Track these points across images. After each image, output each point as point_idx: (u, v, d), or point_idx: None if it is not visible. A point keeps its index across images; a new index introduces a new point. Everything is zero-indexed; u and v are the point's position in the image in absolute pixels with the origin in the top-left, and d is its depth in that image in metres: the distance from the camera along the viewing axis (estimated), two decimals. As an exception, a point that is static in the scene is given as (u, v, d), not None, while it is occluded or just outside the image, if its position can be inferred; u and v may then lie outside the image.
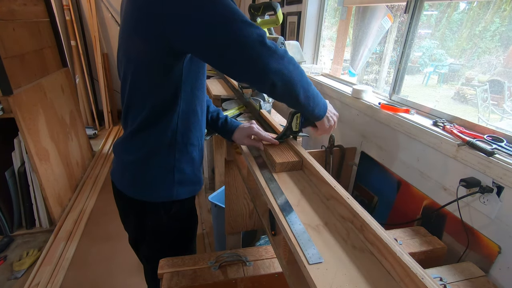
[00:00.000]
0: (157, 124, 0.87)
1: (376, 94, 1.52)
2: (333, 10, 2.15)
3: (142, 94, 0.85)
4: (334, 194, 0.72)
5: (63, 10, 3.60)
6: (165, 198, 0.94)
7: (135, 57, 0.80)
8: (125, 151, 0.93)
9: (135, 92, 0.86)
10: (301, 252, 0.57)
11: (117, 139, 0.99)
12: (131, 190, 0.95)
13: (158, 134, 0.88)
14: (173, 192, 0.94)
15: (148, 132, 0.88)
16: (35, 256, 1.90)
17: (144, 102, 0.85)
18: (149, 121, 0.87)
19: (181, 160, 0.93)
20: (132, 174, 0.93)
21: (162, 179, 0.92)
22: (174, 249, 1.07)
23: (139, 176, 0.93)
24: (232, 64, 0.71)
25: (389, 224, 1.29)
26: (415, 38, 1.29)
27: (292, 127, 0.97)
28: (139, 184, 0.93)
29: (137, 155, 0.90)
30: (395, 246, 0.54)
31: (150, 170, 0.91)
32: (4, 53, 1.85)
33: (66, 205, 2.36)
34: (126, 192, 0.96)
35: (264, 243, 1.69)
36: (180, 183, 0.94)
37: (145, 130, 0.88)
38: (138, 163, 0.91)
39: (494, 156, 0.87)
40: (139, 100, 0.86)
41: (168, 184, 0.93)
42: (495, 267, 0.89)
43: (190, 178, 0.97)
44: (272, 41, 0.71)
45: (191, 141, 0.93)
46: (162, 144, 0.89)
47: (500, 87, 1.55)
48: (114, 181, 1.00)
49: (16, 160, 1.99)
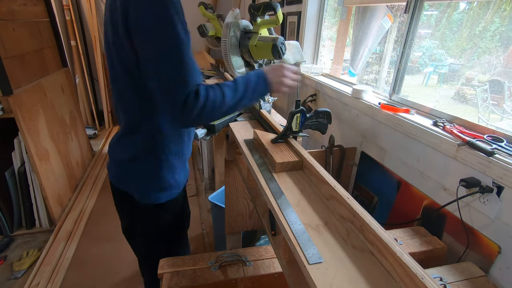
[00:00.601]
0: (138, 132, 0.91)
1: (376, 94, 1.52)
2: (333, 10, 2.15)
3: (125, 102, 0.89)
4: (334, 194, 0.72)
5: (63, 10, 3.60)
6: (144, 201, 0.99)
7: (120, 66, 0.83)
8: (115, 150, 0.99)
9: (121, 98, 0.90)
10: (301, 252, 0.57)
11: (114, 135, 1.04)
12: (121, 185, 1.00)
13: (138, 141, 0.92)
14: (151, 197, 0.98)
15: (130, 138, 0.93)
16: (35, 256, 1.90)
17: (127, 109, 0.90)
18: (130, 128, 0.92)
19: (161, 168, 0.96)
20: (121, 170, 0.99)
21: (142, 184, 0.97)
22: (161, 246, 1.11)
23: (126, 174, 0.99)
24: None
25: (389, 224, 1.28)
26: (415, 38, 1.29)
27: (292, 127, 0.97)
28: (126, 181, 0.99)
29: (124, 157, 0.96)
30: (395, 246, 0.54)
31: (133, 173, 0.96)
32: (4, 53, 1.85)
33: (66, 205, 2.36)
34: (117, 184, 1.01)
35: (264, 243, 1.69)
36: (160, 189, 0.99)
37: (127, 135, 0.94)
38: (124, 163, 0.97)
39: (494, 156, 0.86)
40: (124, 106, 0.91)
41: (148, 189, 0.97)
42: (495, 267, 0.89)
43: (169, 184, 1.00)
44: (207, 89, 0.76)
45: (171, 150, 0.96)
46: (142, 151, 0.93)
47: (500, 87, 1.55)
48: (108, 172, 1.06)
49: (16, 160, 1.99)
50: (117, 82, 0.87)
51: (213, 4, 4.07)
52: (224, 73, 2.21)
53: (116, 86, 0.89)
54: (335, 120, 1.72)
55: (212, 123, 1.15)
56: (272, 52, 1.12)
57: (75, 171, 2.64)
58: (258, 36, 1.18)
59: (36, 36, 2.32)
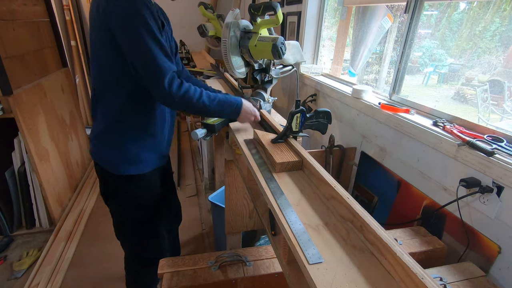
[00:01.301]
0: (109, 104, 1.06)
1: (376, 94, 1.52)
2: (333, 10, 2.15)
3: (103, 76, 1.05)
4: (334, 194, 0.72)
5: (63, 10, 3.59)
6: (115, 171, 1.11)
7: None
8: (92, 129, 1.15)
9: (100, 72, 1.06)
10: (301, 252, 0.57)
11: None
12: (97, 158, 1.15)
13: (108, 113, 1.06)
14: (120, 168, 1.11)
15: (102, 111, 1.07)
16: (35, 256, 1.90)
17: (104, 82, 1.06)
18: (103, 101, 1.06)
19: (128, 140, 1.09)
20: (94, 144, 1.13)
21: (112, 154, 1.10)
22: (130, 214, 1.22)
23: (98, 147, 1.12)
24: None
25: (389, 224, 1.29)
26: (415, 38, 1.29)
27: (292, 127, 0.97)
28: (100, 154, 1.13)
29: (97, 131, 1.10)
30: (395, 246, 0.54)
31: (104, 144, 1.10)
32: (4, 53, 1.85)
33: (66, 205, 2.36)
34: (94, 159, 1.16)
35: (264, 243, 1.69)
36: (129, 161, 1.11)
37: (100, 109, 1.08)
38: (97, 137, 1.11)
39: (494, 156, 0.87)
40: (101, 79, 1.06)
41: (117, 159, 1.10)
42: (495, 267, 0.89)
43: (138, 158, 1.12)
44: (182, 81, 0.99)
45: (141, 125, 1.09)
46: (112, 123, 1.07)
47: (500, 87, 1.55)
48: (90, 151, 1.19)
49: (16, 160, 1.99)
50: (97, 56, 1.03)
51: (213, 4, 4.07)
52: (224, 73, 2.21)
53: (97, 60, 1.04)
54: (335, 120, 1.72)
55: (212, 123, 1.15)
56: (272, 53, 1.11)
57: (75, 171, 2.64)
58: (258, 36, 1.17)
59: (36, 36, 2.32)
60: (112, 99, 1.04)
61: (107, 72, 1.03)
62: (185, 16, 4.01)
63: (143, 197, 1.20)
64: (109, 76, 1.03)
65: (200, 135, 1.10)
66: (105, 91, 1.05)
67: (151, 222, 1.26)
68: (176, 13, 3.97)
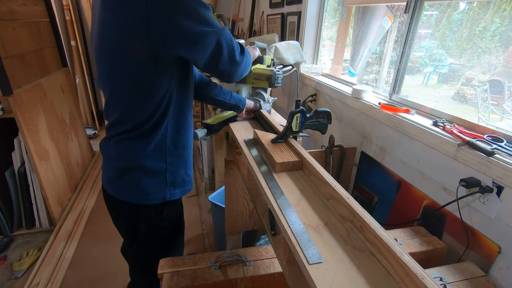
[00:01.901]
0: (147, 128, 0.88)
1: (376, 94, 1.52)
2: (333, 10, 2.15)
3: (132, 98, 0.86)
4: (334, 194, 0.72)
5: (63, 10, 3.59)
6: (158, 200, 0.95)
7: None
8: (117, 156, 0.93)
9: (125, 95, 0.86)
10: (301, 252, 0.57)
11: (103, 140, 0.98)
12: (125, 195, 0.95)
13: (147, 138, 0.89)
14: (166, 194, 0.96)
15: (137, 136, 0.89)
16: (35, 256, 1.90)
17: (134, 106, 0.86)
18: (137, 127, 0.87)
19: (172, 163, 0.95)
20: (126, 178, 0.93)
21: (156, 182, 0.94)
22: (163, 249, 1.09)
23: (133, 180, 0.92)
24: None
25: (389, 224, 1.29)
26: (415, 38, 1.29)
27: (292, 127, 0.97)
28: (133, 188, 0.93)
29: (129, 160, 0.91)
30: (395, 246, 0.54)
31: (144, 174, 0.92)
32: (4, 53, 1.85)
33: (66, 205, 2.36)
34: (119, 196, 0.96)
35: (264, 243, 1.69)
36: (173, 184, 0.97)
37: (135, 137, 0.89)
38: (131, 168, 0.91)
39: (494, 156, 0.87)
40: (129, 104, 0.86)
41: (161, 186, 0.95)
42: (495, 267, 0.89)
43: (182, 179, 1.00)
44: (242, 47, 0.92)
45: (182, 143, 0.96)
46: (153, 148, 0.90)
47: (500, 87, 1.55)
48: (105, 187, 1.00)
49: (16, 160, 1.99)
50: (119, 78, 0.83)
51: (213, 4, 4.06)
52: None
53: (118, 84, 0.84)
54: (335, 120, 1.72)
55: (212, 123, 1.15)
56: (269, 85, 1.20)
57: (75, 171, 2.64)
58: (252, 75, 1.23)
59: (36, 36, 2.32)
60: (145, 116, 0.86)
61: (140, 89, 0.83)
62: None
63: (180, 221, 1.10)
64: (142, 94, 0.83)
65: (200, 135, 1.10)
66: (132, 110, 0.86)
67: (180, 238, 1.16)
68: (176, 13, 3.98)
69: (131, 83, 0.83)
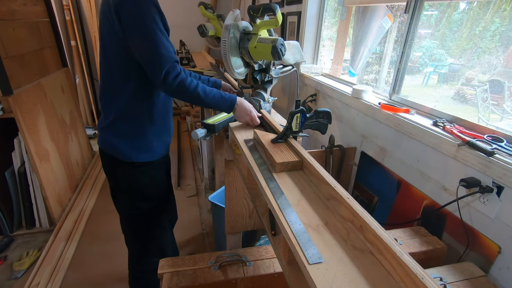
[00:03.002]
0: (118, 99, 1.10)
1: (376, 94, 1.52)
2: (333, 10, 2.15)
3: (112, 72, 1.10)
4: (334, 194, 0.72)
5: (63, 10, 3.59)
6: (125, 159, 1.15)
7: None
8: (100, 119, 1.18)
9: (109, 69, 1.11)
10: (301, 252, 0.57)
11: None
12: (106, 147, 1.17)
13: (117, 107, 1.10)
14: (132, 155, 1.15)
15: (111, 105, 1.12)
16: (35, 256, 1.90)
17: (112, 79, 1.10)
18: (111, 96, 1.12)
19: (140, 131, 1.14)
20: (104, 134, 1.16)
21: (122, 144, 1.14)
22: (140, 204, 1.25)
23: (108, 138, 1.15)
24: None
25: (389, 224, 1.29)
26: (415, 38, 1.29)
27: (292, 127, 0.97)
28: (110, 144, 1.15)
29: (106, 122, 1.14)
30: (395, 246, 0.54)
31: (116, 134, 1.14)
32: (4, 53, 1.85)
33: (66, 205, 2.36)
34: (103, 148, 1.18)
35: (264, 243, 1.69)
36: (138, 149, 1.15)
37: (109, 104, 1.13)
38: (107, 128, 1.15)
39: (494, 156, 0.87)
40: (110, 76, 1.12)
41: (127, 148, 1.14)
42: (495, 267, 0.89)
43: (146, 147, 1.17)
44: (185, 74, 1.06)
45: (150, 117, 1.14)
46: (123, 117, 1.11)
47: (500, 87, 1.55)
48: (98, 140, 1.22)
49: (16, 160, 1.99)
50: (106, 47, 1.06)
51: (213, 4, 4.07)
52: (224, 73, 2.21)
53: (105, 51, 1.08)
54: (335, 120, 1.72)
55: (212, 123, 1.15)
56: (272, 54, 1.11)
57: (75, 171, 2.64)
58: (257, 38, 1.17)
59: (36, 36, 2.32)
60: (121, 90, 1.09)
61: (115, 63, 1.07)
62: (185, 16, 4.01)
63: (152, 187, 1.25)
64: (117, 67, 1.07)
65: (200, 135, 1.10)
66: (113, 82, 1.10)
67: (157, 214, 1.30)
68: (176, 13, 3.98)
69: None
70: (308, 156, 0.87)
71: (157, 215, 1.31)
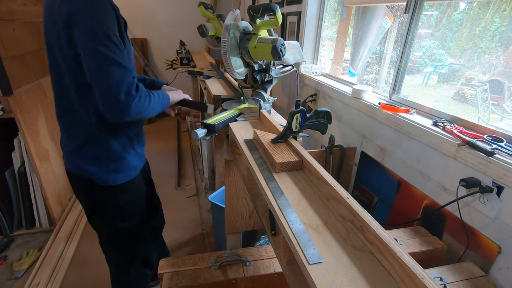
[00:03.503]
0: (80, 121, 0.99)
1: (376, 94, 1.52)
2: (333, 10, 2.15)
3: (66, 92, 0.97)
4: (334, 194, 0.72)
5: (63, 10, 3.59)
6: (102, 182, 1.06)
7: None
8: (64, 142, 1.08)
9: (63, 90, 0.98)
10: (301, 252, 0.57)
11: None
12: (78, 171, 1.07)
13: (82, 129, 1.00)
14: (109, 178, 1.06)
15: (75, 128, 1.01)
16: (35, 256, 1.90)
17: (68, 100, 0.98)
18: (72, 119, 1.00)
19: (113, 152, 1.05)
20: (75, 158, 1.06)
21: (99, 168, 1.05)
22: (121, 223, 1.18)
23: (81, 161, 1.05)
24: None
25: (389, 224, 1.29)
26: (415, 38, 1.29)
27: (292, 127, 0.97)
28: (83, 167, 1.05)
29: (74, 146, 1.04)
30: (395, 246, 0.54)
31: (88, 159, 1.04)
32: (4, 53, 1.85)
33: (66, 205, 2.36)
34: (74, 172, 1.08)
35: (264, 243, 1.69)
36: (116, 171, 1.07)
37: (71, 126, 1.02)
38: (75, 152, 1.05)
39: (494, 156, 0.87)
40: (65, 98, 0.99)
41: (101, 171, 1.05)
42: (495, 267, 0.89)
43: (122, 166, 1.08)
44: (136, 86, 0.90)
45: (119, 134, 1.05)
46: (91, 139, 1.01)
47: (500, 87, 1.55)
48: (64, 162, 1.12)
49: (16, 160, 1.99)
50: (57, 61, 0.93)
51: (213, 4, 4.07)
52: (224, 73, 2.21)
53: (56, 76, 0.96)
54: (335, 120, 1.72)
55: (212, 123, 1.15)
56: (272, 54, 1.11)
57: (75, 171, 2.64)
58: (257, 38, 1.17)
59: (36, 36, 2.32)
60: (86, 106, 0.96)
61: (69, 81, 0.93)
62: (185, 16, 4.01)
63: (133, 202, 1.19)
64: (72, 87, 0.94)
65: (200, 135, 1.10)
66: (71, 104, 0.97)
67: (140, 227, 1.25)
68: (176, 13, 3.98)
69: None
70: (308, 156, 0.87)
71: (140, 228, 1.25)
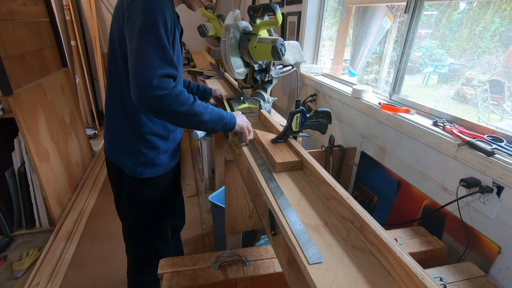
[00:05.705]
0: (123, 111, 1.05)
1: (376, 94, 1.52)
2: (333, 10, 2.15)
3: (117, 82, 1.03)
4: (334, 194, 0.72)
5: (63, 10, 3.59)
6: (131, 174, 1.10)
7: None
8: (106, 127, 1.14)
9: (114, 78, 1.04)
10: (301, 252, 0.57)
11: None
12: (112, 158, 1.14)
13: (123, 119, 1.06)
14: (137, 171, 1.10)
15: (117, 116, 1.07)
16: (35, 256, 1.90)
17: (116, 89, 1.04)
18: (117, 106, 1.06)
19: (145, 147, 1.09)
20: (110, 145, 1.13)
21: (128, 159, 1.09)
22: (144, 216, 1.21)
23: (115, 149, 1.12)
24: None
25: (389, 224, 1.29)
26: (415, 38, 1.29)
27: (292, 127, 0.97)
28: (115, 156, 1.12)
29: (112, 133, 1.11)
30: (395, 246, 0.54)
31: (121, 148, 1.10)
32: (4, 53, 1.85)
33: (66, 205, 2.36)
34: (109, 158, 1.15)
35: (264, 243, 1.69)
36: (144, 165, 1.10)
37: (114, 113, 1.08)
38: (112, 139, 1.12)
39: (494, 156, 0.87)
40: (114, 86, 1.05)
41: (134, 164, 1.09)
42: (495, 267, 0.89)
43: (153, 162, 1.12)
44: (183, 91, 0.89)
45: (154, 131, 1.08)
46: (126, 129, 1.06)
47: (500, 87, 1.55)
48: (104, 148, 1.19)
49: (16, 160, 1.99)
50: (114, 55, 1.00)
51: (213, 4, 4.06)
52: (224, 73, 2.21)
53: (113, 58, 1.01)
54: (335, 120, 1.72)
55: None
56: (272, 54, 1.12)
57: (75, 171, 2.64)
58: (257, 38, 1.17)
59: (36, 36, 2.32)
60: (127, 101, 1.00)
61: (122, 71, 0.99)
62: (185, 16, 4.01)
63: (158, 199, 1.20)
64: (124, 76, 0.99)
65: (200, 135, 1.10)
66: (119, 91, 1.03)
67: (162, 224, 1.26)
68: (176, 13, 3.98)
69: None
70: (308, 156, 0.87)
71: (161, 226, 1.27)
